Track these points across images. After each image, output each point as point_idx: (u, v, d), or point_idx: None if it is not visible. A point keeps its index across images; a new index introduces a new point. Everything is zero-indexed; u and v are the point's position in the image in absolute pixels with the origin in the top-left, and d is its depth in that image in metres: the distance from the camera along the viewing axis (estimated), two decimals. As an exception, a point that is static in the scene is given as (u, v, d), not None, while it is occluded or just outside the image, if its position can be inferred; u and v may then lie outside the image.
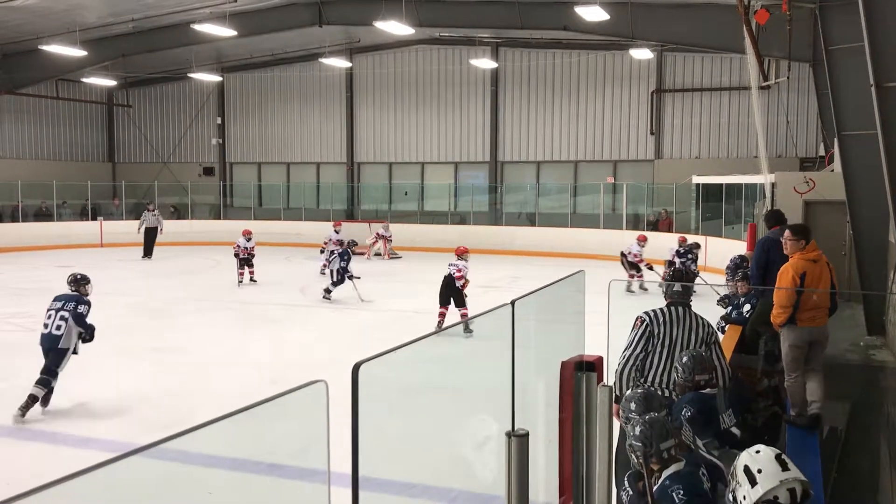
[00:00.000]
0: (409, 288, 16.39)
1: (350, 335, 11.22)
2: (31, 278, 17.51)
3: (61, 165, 29.15)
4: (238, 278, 16.44)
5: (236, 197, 30.20)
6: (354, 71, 27.84)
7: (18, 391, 8.14)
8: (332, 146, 28.97)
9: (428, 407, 2.23)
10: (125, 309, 13.56)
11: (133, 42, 23.68)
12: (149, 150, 31.75)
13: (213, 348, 10.37)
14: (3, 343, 10.58)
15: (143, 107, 31.63)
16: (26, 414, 7.33)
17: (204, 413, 7.15)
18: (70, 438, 6.68)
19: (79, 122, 30.83)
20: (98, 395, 8.19)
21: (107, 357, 9.78)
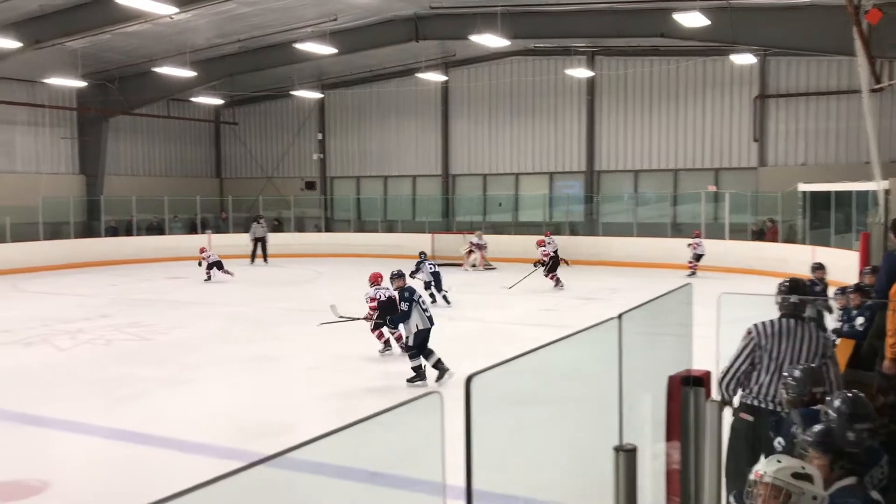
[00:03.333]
0: (503, 300, 16.36)
1: (444, 346, 11.29)
2: (145, 289, 18.39)
3: (172, 181, 30.55)
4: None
5: (336, 210, 30.91)
6: (450, 84, 28.10)
7: (138, 397, 8.57)
8: (427, 159, 29.30)
9: (534, 419, 2.23)
10: (230, 318, 14.08)
11: (239, 62, 24.65)
12: (253, 165, 32.91)
13: (314, 357, 10.61)
14: (121, 352, 11.13)
15: (248, 124, 32.85)
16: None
17: (307, 422, 7.38)
18: (184, 444, 6.96)
19: (188, 139, 32.28)
20: (204, 402, 8.51)
21: (211, 366, 10.17)
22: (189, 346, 11.48)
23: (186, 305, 15.74)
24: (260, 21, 20.86)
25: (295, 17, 20.57)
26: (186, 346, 11.54)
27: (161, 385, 9.14)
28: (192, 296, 17.20)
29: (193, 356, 10.81)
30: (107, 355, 10.86)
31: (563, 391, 2.39)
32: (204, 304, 16.03)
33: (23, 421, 7.65)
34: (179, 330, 12.75)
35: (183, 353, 10.98)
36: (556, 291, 17.27)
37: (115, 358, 10.70)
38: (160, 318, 13.87)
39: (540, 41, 24.37)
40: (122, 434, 7.24)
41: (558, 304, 15.27)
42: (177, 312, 14.72)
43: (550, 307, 14.82)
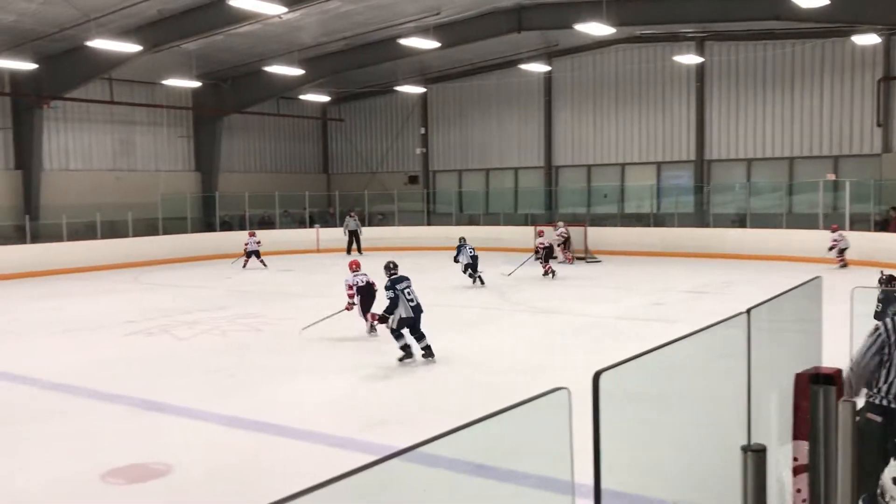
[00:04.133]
0: (607, 293, 16.07)
1: (552, 340, 11.16)
2: (256, 281, 19.03)
3: (282, 178, 31.50)
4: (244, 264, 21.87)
5: (439, 203, 31.13)
6: (553, 74, 27.79)
7: (252, 386, 8.86)
8: (529, 151, 29.10)
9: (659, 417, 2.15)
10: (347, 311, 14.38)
11: (344, 59, 25.14)
12: (359, 160, 33.55)
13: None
14: (236, 342, 11.53)
15: (353, 120, 33.50)
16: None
17: (419, 415, 7.40)
18: (297, 432, 7.14)
19: (297, 136, 33.21)
20: (316, 392, 8.71)
21: (322, 357, 10.40)
22: (301, 337, 11.78)
23: (297, 297, 16.18)
24: (364, 18, 21.18)
25: (398, 13, 20.80)
26: (296, 336, 11.85)
27: (274, 374, 9.41)
28: (303, 288, 17.67)
29: (304, 346, 11.09)
30: (223, 345, 11.28)
31: (686, 388, 2.30)
32: (314, 295, 16.43)
33: (146, 407, 8.02)
34: (291, 321, 13.08)
35: (294, 344, 11.28)
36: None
37: (231, 348, 11.10)
38: (272, 310, 14.31)
39: (646, 28, 23.78)
40: (238, 421, 7.48)
41: (666, 298, 14.87)
42: (288, 304, 15.15)
43: (658, 301, 14.45)
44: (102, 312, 14.56)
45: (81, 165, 25.86)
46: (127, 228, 23.96)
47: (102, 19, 18.78)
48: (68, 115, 25.10)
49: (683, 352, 2.27)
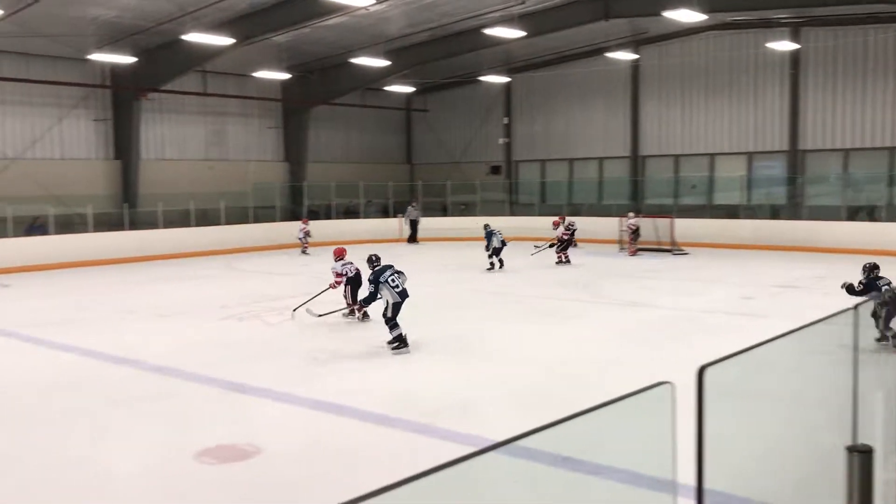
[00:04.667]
0: (694, 286, 15.68)
1: (635, 334, 10.98)
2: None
3: (367, 168, 31.92)
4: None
5: (521, 194, 30.99)
6: (640, 63, 27.24)
7: (336, 372, 9.04)
8: (615, 140, 28.64)
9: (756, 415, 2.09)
10: (421, 298, 14.49)
11: (429, 50, 25.25)
12: (441, 151, 33.69)
13: (498, 340, 10.70)
14: (322, 328, 11.76)
15: (437, 110, 33.64)
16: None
17: (499, 405, 7.40)
18: (379, 418, 7.25)
19: (382, 127, 33.58)
20: (396, 379, 8.81)
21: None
22: (379, 324, 11.93)
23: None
24: (449, 8, 21.22)
25: (483, 2, 20.75)
26: (380, 322, 12.01)
27: (357, 361, 9.58)
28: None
29: (386, 333, 11.23)
30: (310, 330, 11.54)
31: (785, 385, 2.23)
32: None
33: (238, 390, 8.29)
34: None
35: (377, 330, 11.43)
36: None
37: (317, 334, 11.34)
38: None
39: (739, 14, 23.03)
40: (323, 405, 7.65)
41: (756, 292, 14.43)
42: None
43: (748, 295, 14.03)
44: (196, 297, 15.10)
45: (176, 155, 26.80)
46: (219, 216, 24.73)
47: (197, 13, 19.39)
48: (164, 106, 26.03)
49: (782, 348, 2.20)
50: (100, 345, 10.58)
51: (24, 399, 8.15)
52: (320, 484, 5.73)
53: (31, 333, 11.52)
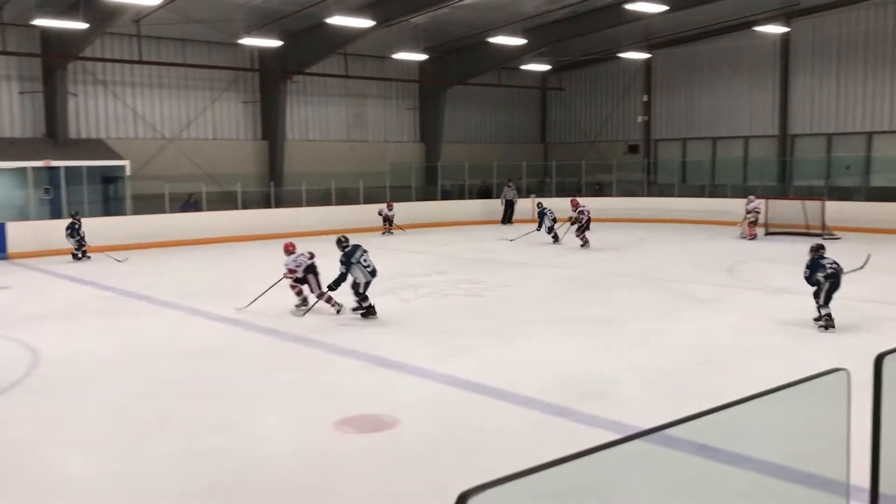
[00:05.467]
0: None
1: (784, 321, 10.48)
2: (476, 249, 19.53)
3: (500, 147, 31.91)
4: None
5: (660, 174, 30.09)
6: (791, 36, 25.74)
7: (471, 349, 9.14)
8: (762, 118, 27.27)
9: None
10: (558, 279, 14.43)
11: (567, 27, 24.86)
12: (577, 130, 33.19)
13: (640, 324, 10.48)
14: (457, 306, 11.92)
15: (573, 89, 33.14)
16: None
17: (640, 390, 7.26)
18: (513, 396, 7.29)
19: (516, 106, 33.44)
20: (532, 358, 8.81)
21: (540, 324, 10.49)
22: (518, 304, 11.97)
23: (514, 266, 16.40)
24: (590, -16, 20.80)
25: (625, -24, 20.18)
26: (516, 303, 12.06)
27: (492, 339, 9.64)
28: (520, 256, 17.87)
29: (522, 313, 11.26)
30: (444, 308, 11.72)
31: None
32: (530, 264, 16.59)
33: (376, 362, 8.55)
34: (509, 288, 13.33)
35: (512, 310, 11.48)
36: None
37: (451, 311, 11.51)
38: (491, 276, 14.62)
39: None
40: (458, 381, 7.76)
41: (919, 280, 13.42)
42: (506, 272, 15.40)
43: (909, 284, 13.08)
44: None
45: (319, 136, 27.76)
46: (358, 195, 25.45)
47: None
48: (308, 88, 26.98)
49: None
50: (247, 315, 11.16)
51: (177, 366, 8.72)
52: (456, 460, 5.83)
53: (186, 303, 12.30)
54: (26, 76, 21.89)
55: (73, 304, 12.51)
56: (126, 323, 11.08)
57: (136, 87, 23.81)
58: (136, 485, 5.46)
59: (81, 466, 5.94)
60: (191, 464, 5.81)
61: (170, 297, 12.91)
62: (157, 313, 11.78)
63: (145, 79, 23.91)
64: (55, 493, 5.32)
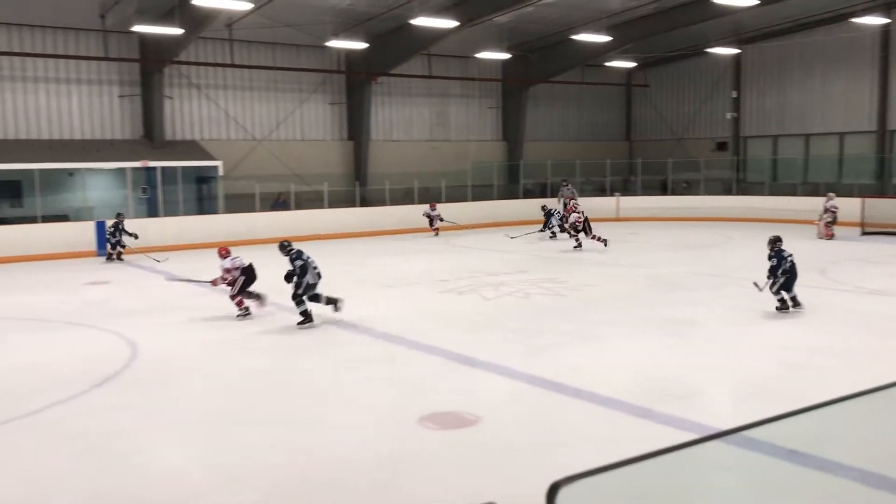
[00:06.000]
0: None
1: (876, 324, 10.09)
2: (557, 248, 19.42)
3: (583, 146, 31.63)
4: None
5: (749, 172, 29.27)
6: (892, 27, 24.63)
7: (552, 348, 9.15)
8: (858, 114, 26.22)
9: None
10: (639, 279, 14.23)
11: (653, 23, 24.46)
12: (663, 127, 32.60)
13: (725, 324, 10.27)
14: (538, 305, 11.92)
15: (658, 85, 32.57)
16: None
17: (721, 392, 7.14)
18: (594, 397, 7.27)
19: (600, 104, 33.08)
20: (613, 359, 8.74)
21: (621, 325, 10.39)
22: (600, 304, 11.89)
23: (596, 265, 16.27)
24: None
25: (714, -30, 19.73)
26: (597, 303, 11.97)
27: (573, 338, 9.61)
28: (602, 256, 17.71)
29: (604, 313, 11.18)
30: (525, 307, 11.74)
31: None
32: (612, 264, 16.42)
33: (458, 360, 8.65)
34: (591, 288, 13.25)
35: (594, 310, 11.41)
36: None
37: (533, 310, 11.52)
38: (572, 276, 14.55)
39: None
40: (539, 381, 7.78)
41: None
42: (588, 271, 15.30)
43: None
44: (419, 271, 15.86)
45: (403, 136, 28.12)
46: (440, 195, 25.67)
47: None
48: (392, 89, 27.37)
49: None
50: (333, 312, 11.43)
51: (266, 359, 9.03)
52: (537, 457, 5.87)
53: (274, 299, 12.68)
54: (126, 80, 22.95)
55: (167, 299, 13.07)
56: (216, 318, 11.50)
57: (228, 90, 24.65)
58: (227, 474, 5.69)
59: (176, 455, 6.22)
60: (279, 455, 6.01)
61: (259, 292, 13.31)
62: (247, 308, 12.18)
63: (237, 82, 24.72)
64: (152, 479, 5.60)
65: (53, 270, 16.92)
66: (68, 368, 8.62)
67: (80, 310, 12.15)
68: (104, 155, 21.70)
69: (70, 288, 14.53)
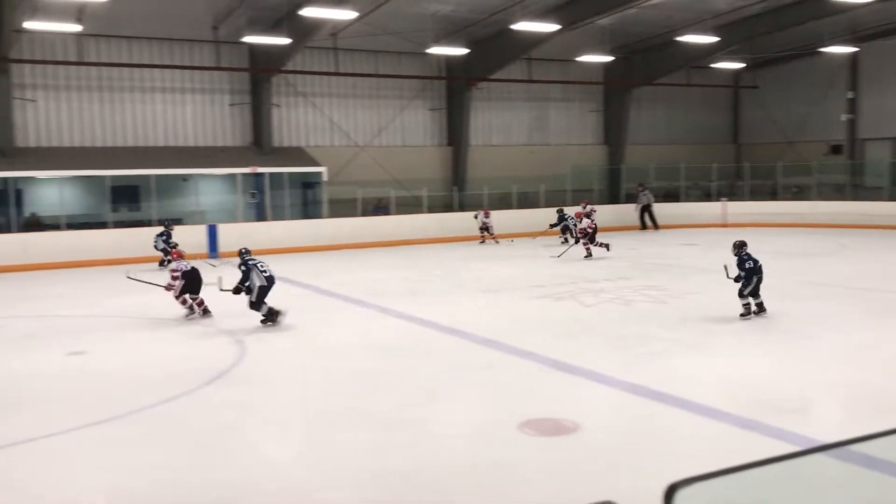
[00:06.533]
0: None
1: None
2: (659, 254, 19.01)
3: (688, 149, 30.82)
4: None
5: (867, 176, 27.84)
6: None
7: (654, 356, 8.95)
8: None
9: None
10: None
11: (762, 22, 23.66)
12: (773, 129, 31.42)
13: (838, 336, 9.80)
14: (639, 312, 11.69)
15: (768, 86, 31.41)
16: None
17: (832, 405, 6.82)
18: (699, 407, 7.06)
19: (705, 106, 32.18)
20: (719, 369, 8.48)
21: (727, 334, 10.07)
22: (704, 312, 11.55)
23: (700, 272, 15.83)
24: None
25: (828, -35, 18.94)
26: (702, 311, 11.64)
27: (676, 347, 9.38)
28: (705, 262, 17.22)
29: (708, 322, 10.86)
30: (626, 314, 11.53)
31: None
32: (717, 271, 15.89)
33: (556, 367, 8.58)
34: (695, 296, 12.90)
35: (698, 319, 11.10)
36: None
37: (634, 317, 11.30)
38: (675, 283, 14.21)
39: None
40: (640, 389, 7.61)
41: None
42: (692, 279, 14.90)
43: None
44: (517, 276, 15.83)
45: (502, 141, 28.15)
46: (538, 199, 25.54)
47: (527, 1, 20.11)
48: (491, 94, 27.44)
49: None
50: (434, 315, 11.56)
51: (367, 361, 9.18)
52: (637, 468, 5.75)
53: (375, 301, 12.93)
54: (236, 90, 23.87)
55: (273, 300, 13.49)
56: (320, 318, 11.82)
57: (332, 98, 25.29)
58: (328, 472, 5.83)
59: (280, 451, 6.42)
60: (376, 455, 6.10)
61: (361, 295, 13.62)
62: (349, 310, 12.48)
63: (341, 89, 25.32)
64: (256, 475, 5.78)
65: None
66: (181, 365, 9.03)
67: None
68: (215, 161, 22.63)
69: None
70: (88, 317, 12.50)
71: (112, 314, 12.57)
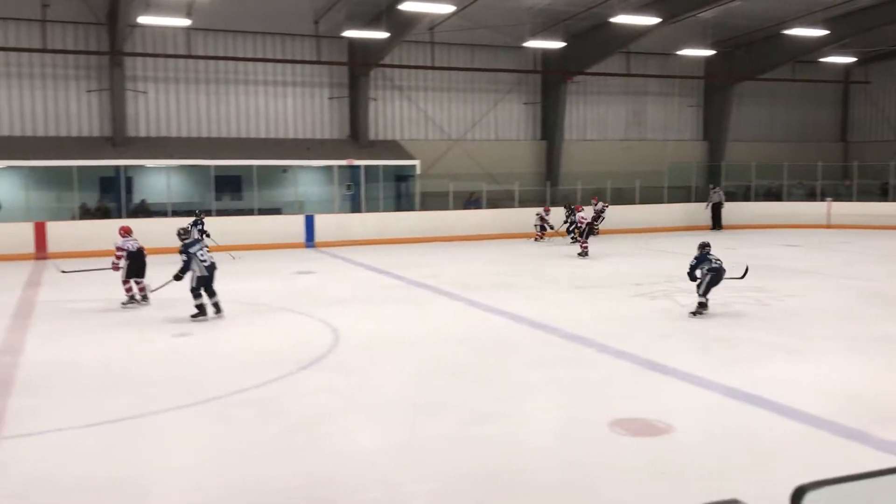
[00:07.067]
0: None
1: None
2: (760, 255, 18.38)
3: (791, 147, 29.70)
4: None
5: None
6: None
7: (753, 359, 8.69)
8: None
9: None
10: (849, 291, 13.20)
11: (876, 15, 22.56)
12: (886, 127, 29.90)
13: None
14: (739, 314, 11.37)
15: (883, 82, 29.89)
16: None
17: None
18: (797, 414, 6.83)
19: (812, 102, 30.91)
20: (820, 375, 8.16)
21: (829, 339, 9.68)
22: (807, 316, 11.15)
23: (802, 274, 15.26)
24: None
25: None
26: (804, 315, 11.23)
27: (775, 351, 9.08)
28: (809, 264, 16.61)
29: (810, 326, 10.48)
30: (723, 315, 11.22)
31: None
32: (821, 274, 15.33)
33: (647, 366, 8.43)
34: (797, 298, 12.46)
35: (799, 322, 10.72)
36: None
37: (731, 319, 11.00)
38: (777, 284, 13.73)
39: None
40: (737, 393, 7.41)
41: None
42: (794, 280, 14.38)
43: None
44: (613, 273, 15.64)
45: (597, 136, 27.77)
46: (633, 195, 25.10)
47: (626, -5, 19.77)
48: (587, 88, 27.10)
49: None
50: (524, 309, 11.55)
51: (455, 353, 9.24)
52: (734, 472, 5.61)
53: (465, 294, 13.00)
54: (335, 83, 24.37)
55: (367, 290, 13.77)
56: (412, 309, 11.97)
57: (427, 92, 25.50)
58: (411, 462, 5.89)
59: (368, 440, 6.50)
60: (462, 448, 6.12)
61: (451, 287, 13.72)
62: (438, 302, 12.60)
63: (436, 83, 25.50)
64: (343, 461, 5.90)
65: (267, 259, 18.34)
66: (279, 351, 9.32)
67: (291, 296, 13.08)
68: (314, 153, 23.18)
69: (282, 276, 15.69)
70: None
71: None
